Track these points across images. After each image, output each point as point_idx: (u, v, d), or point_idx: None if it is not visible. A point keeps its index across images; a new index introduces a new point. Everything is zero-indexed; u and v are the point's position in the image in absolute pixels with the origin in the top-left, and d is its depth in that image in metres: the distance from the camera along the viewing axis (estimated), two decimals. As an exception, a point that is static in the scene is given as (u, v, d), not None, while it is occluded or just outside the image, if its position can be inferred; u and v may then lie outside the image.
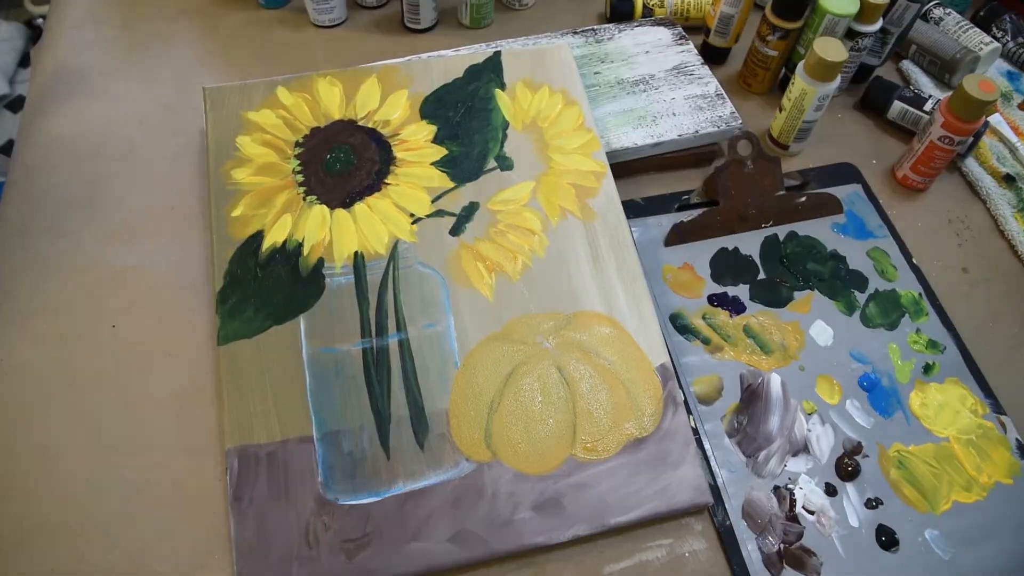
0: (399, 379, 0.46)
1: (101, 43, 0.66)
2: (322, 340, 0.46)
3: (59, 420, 0.44)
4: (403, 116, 0.56)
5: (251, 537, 0.40)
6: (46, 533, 0.41)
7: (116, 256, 0.52)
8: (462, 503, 0.42)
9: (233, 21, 0.69)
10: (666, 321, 0.52)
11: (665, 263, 0.55)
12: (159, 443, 0.44)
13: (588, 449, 0.45)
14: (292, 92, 0.57)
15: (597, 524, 0.42)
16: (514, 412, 0.45)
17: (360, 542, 0.41)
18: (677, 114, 0.62)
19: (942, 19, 0.72)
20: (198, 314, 0.49)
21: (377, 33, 0.70)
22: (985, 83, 0.54)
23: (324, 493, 0.42)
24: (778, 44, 0.63)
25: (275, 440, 0.43)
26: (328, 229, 0.50)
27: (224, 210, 0.51)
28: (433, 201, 0.53)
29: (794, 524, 0.44)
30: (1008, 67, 0.72)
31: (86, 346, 0.47)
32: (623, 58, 0.66)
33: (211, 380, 0.47)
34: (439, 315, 0.48)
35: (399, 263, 0.50)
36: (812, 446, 0.47)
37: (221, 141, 0.54)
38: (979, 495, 0.46)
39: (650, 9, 0.71)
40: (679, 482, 0.44)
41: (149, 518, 0.42)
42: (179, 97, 0.62)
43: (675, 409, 0.46)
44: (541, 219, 0.53)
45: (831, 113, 0.68)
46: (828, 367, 0.51)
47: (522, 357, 0.47)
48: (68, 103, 0.61)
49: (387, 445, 0.44)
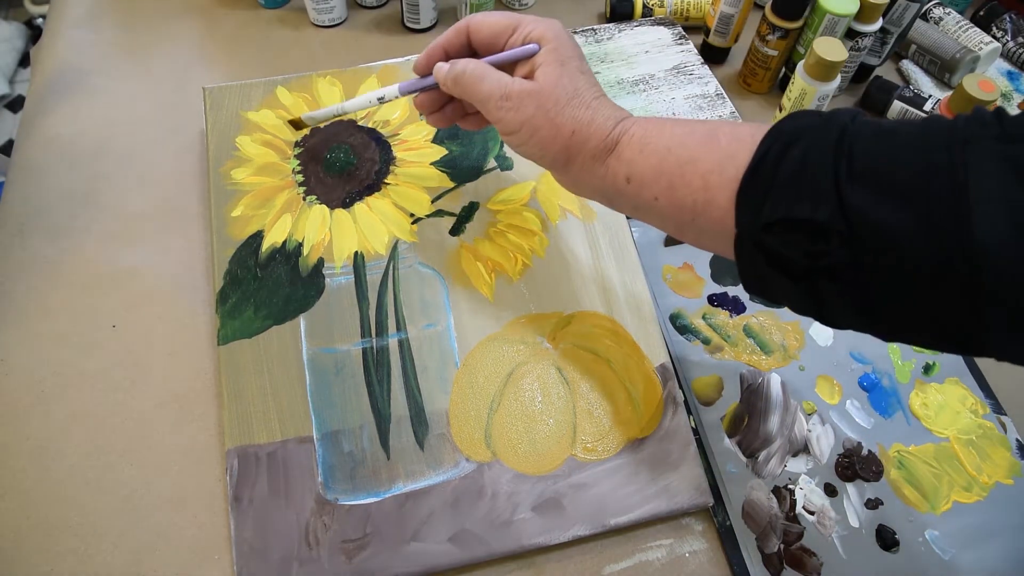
0: (399, 379, 0.46)
1: (101, 43, 0.66)
2: (322, 340, 0.46)
3: (59, 420, 0.44)
4: (403, 116, 0.56)
5: (251, 537, 0.40)
6: (46, 533, 0.41)
7: (116, 256, 0.52)
8: (462, 503, 0.42)
9: (233, 21, 0.69)
10: (666, 321, 0.52)
11: (665, 263, 0.55)
12: (159, 443, 0.44)
13: (588, 449, 0.45)
14: (292, 92, 0.57)
15: (597, 524, 0.42)
16: (514, 412, 0.45)
17: (360, 542, 0.41)
18: (677, 114, 0.62)
19: (942, 19, 0.72)
20: (198, 314, 0.49)
21: (377, 33, 0.70)
22: (985, 83, 0.54)
23: (324, 493, 0.42)
24: (778, 44, 0.63)
25: (275, 440, 0.43)
26: (328, 229, 0.50)
27: (224, 210, 0.51)
28: (433, 201, 0.53)
29: (794, 524, 0.44)
30: (1008, 67, 0.72)
31: (86, 346, 0.47)
32: (623, 58, 0.66)
33: (211, 380, 0.47)
34: (439, 315, 0.48)
35: (399, 263, 0.50)
36: (812, 446, 0.47)
37: (221, 141, 0.54)
38: (979, 495, 0.46)
39: (650, 9, 0.71)
40: (679, 482, 0.44)
41: (149, 518, 0.42)
42: (179, 97, 0.62)
43: (675, 409, 0.46)
44: (541, 219, 0.53)
45: (831, 113, 0.68)
46: (828, 367, 0.51)
47: (522, 357, 0.47)
48: (68, 103, 0.61)
49: (387, 445, 0.44)
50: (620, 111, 0.38)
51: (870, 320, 0.29)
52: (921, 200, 0.26)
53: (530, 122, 0.38)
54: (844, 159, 0.28)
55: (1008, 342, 0.26)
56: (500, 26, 0.40)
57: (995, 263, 0.25)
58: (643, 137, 0.36)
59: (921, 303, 0.27)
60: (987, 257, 0.25)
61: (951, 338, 0.28)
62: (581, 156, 0.38)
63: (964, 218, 0.25)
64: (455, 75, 0.40)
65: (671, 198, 0.34)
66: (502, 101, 0.38)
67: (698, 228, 0.34)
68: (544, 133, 0.38)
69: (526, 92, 0.38)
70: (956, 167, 0.26)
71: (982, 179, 0.25)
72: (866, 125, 0.29)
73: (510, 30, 0.40)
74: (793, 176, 0.29)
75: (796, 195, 0.29)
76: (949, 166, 0.26)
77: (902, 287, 0.27)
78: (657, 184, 0.35)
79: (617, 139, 0.37)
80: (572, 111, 0.37)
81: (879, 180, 0.27)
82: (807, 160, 0.29)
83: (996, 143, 0.26)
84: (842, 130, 0.29)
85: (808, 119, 0.31)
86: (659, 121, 0.37)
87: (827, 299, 0.30)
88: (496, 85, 0.38)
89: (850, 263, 0.28)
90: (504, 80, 0.39)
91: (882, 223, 0.26)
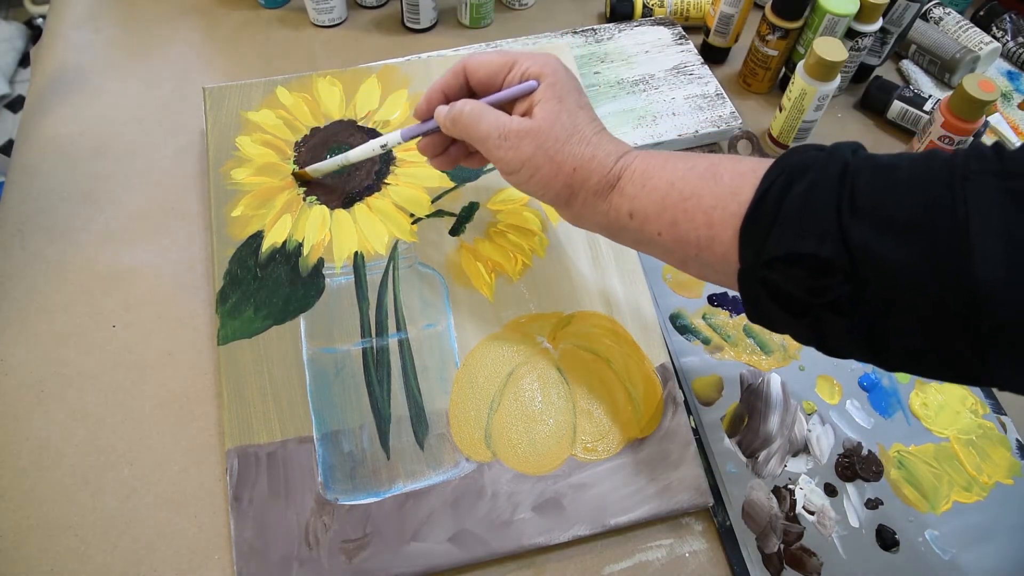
0: (399, 379, 0.46)
1: (101, 43, 0.66)
2: (322, 340, 0.46)
3: (59, 420, 0.44)
4: (403, 116, 0.56)
5: (251, 537, 0.40)
6: (46, 533, 0.41)
7: (116, 256, 0.52)
8: (462, 503, 0.42)
9: (233, 21, 0.69)
10: (666, 321, 0.52)
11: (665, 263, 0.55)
12: (159, 443, 0.44)
13: (588, 449, 0.45)
14: (292, 92, 0.57)
15: (597, 524, 0.42)
16: (514, 412, 0.45)
17: (360, 542, 0.41)
18: (677, 114, 0.62)
19: (942, 19, 0.72)
20: (198, 314, 0.49)
21: (377, 33, 0.70)
22: (985, 83, 0.54)
23: (324, 493, 0.42)
24: (778, 44, 0.63)
25: (275, 440, 0.43)
26: (328, 229, 0.50)
27: (224, 210, 0.51)
28: (433, 201, 0.53)
29: (794, 524, 0.44)
30: (1008, 67, 0.72)
31: (86, 346, 0.47)
32: (623, 58, 0.66)
33: (211, 380, 0.47)
34: (439, 315, 0.48)
35: (399, 263, 0.50)
36: (812, 446, 0.47)
37: (221, 141, 0.54)
38: (979, 495, 0.46)
39: (650, 9, 0.71)
40: (679, 482, 0.44)
41: (149, 518, 0.42)
42: (179, 97, 0.62)
43: (675, 409, 0.46)
44: (541, 219, 0.53)
45: (831, 113, 0.68)
46: (828, 367, 0.51)
47: (522, 357, 0.47)
48: (68, 103, 0.61)
49: (387, 445, 0.44)
50: (621, 145, 0.38)
51: (872, 352, 0.30)
52: (923, 236, 0.26)
53: (530, 161, 0.37)
54: (847, 194, 0.28)
55: (1010, 375, 0.27)
56: (496, 65, 0.40)
57: (996, 299, 0.25)
58: (645, 172, 0.36)
59: (923, 337, 0.27)
60: (989, 293, 0.25)
61: (953, 370, 0.28)
62: (583, 193, 0.38)
63: (966, 255, 0.25)
64: (453, 116, 0.39)
65: (674, 233, 0.34)
66: (500, 140, 0.38)
67: (701, 262, 0.34)
68: (545, 172, 0.37)
69: (524, 131, 0.37)
70: (957, 203, 0.26)
71: (983, 215, 0.25)
72: (867, 159, 0.30)
73: (506, 68, 0.40)
74: (796, 212, 0.29)
75: (799, 231, 0.29)
76: (950, 202, 0.26)
77: (904, 322, 0.27)
78: (660, 220, 0.35)
79: (619, 175, 0.37)
80: (572, 148, 0.37)
81: (881, 215, 0.27)
82: (810, 196, 0.29)
83: (996, 179, 0.26)
84: (844, 165, 0.29)
85: (810, 154, 0.31)
86: (660, 155, 0.36)
87: (828, 332, 0.30)
88: (494, 124, 0.38)
89: (852, 298, 0.28)
90: (502, 119, 0.38)
91: (885, 259, 0.27)
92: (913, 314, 0.27)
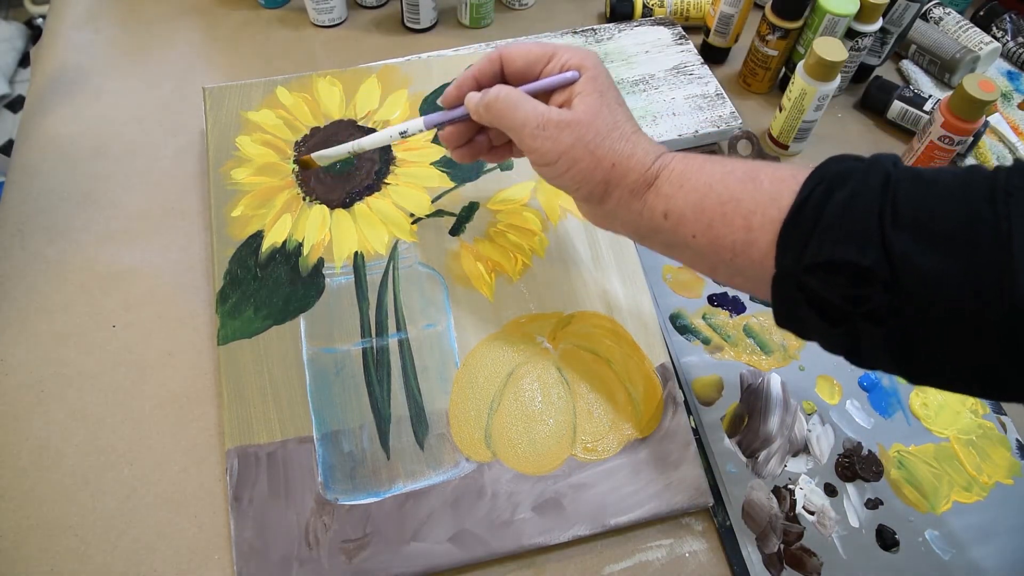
0: (399, 379, 0.46)
1: (101, 43, 0.66)
2: (322, 340, 0.46)
3: (59, 420, 0.44)
4: (403, 116, 0.56)
5: (251, 537, 0.40)
6: (46, 533, 0.41)
7: (116, 256, 0.52)
8: (462, 503, 0.42)
9: (233, 21, 0.69)
10: (666, 321, 0.52)
11: (665, 263, 0.55)
12: (159, 443, 0.44)
13: (588, 449, 0.45)
14: (292, 92, 0.57)
15: (597, 524, 0.42)
16: (514, 412, 0.45)
17: (360, 542, 0.41)
18: (677, 114, 0.62)
19: (942, 19, 0.72)
20: (198, 314, 0.49)
21: (377, 33, 0.70)
22: (985, 83, 0.54)
23: (324, 493, 0.42)
24: (778, 44, 0.63)
25: (275, 440, 0.43)
26: (328, 229, 0.50)
27: (224, 210, 0.51)
28: (433, 201, 0.53)
29: (794, 524, 0.44)
30: (1008, 67, 0.72)
31: (86, 346, 0.47)
32: (623, 58, 0.66)
33: (211, 380, 0.47)
34: (439, 315, 0.48)
35: (399, 263, 0.50)
36: (812, 446, 0.47)
37: (221, 141, 0.54)
38: (979, 495, 0.46)
39: (650, 9, 0.71)
40: (679, 482, 0.44)
41: (149, 518, 0.42)
42: (179, 97, 0.62)
43: (675, 409, 0.46)
44: (541, 219, 0.53)
45: (831, 113, 0.68)
46: (828, 367, 0.51)
47: (522, 357, 0.47)
48: (68, 103, 0.61)
49: (387, 445, 0.44)
50: (658, 146, 0.38)
51: (904, 364, 0.29)
52: (965, 250, 0.26)
53: (568, 153, 0.37)
54: (889, 205, 0.28)
55: None
56: (535, 55, 0.39)
57: None
58: (683, 173, 0.35)
59: (960, 351, 0.27)
60: None
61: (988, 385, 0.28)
62: (619, 190, 0.37)
63: (1007, 270, 0.25)
64: (488, 101, 0.38)
65: (710, 236, 0.34)
66: (538, 130, 0.37)
67: (734, 267, 0.34)
68: (583, 165, 0.37)
69: (564, 122, 0.37)
70: (1000, 218, 0.26)
71: None
72: (907, 171, 0.29)
73: (545, 59, 0.39)
74: (838, 219, 0.29)
75: (841, 238, 0.29)
76: (992, 217, 0.26)
77: (942, 335, 0.27)
78: (697, 222, 0.34)
79: (657, 174, 0.36)
80: (612, 143, 0.37)
81: (923, 228, 0.27)
82: (852, 204, 0.29)
83: None
84: (886, 175, 0.29)
85: (849, 164, 0.31)
86: (698, 158, 0.36)
87: (864, 342, 0.30)
88: (532, 113, 0.37)
89: (890, 308, 0.28)
90: (540, 108, 0.37)
91: (926, 271, 0.27)
92: (951, 327, 0.27)
